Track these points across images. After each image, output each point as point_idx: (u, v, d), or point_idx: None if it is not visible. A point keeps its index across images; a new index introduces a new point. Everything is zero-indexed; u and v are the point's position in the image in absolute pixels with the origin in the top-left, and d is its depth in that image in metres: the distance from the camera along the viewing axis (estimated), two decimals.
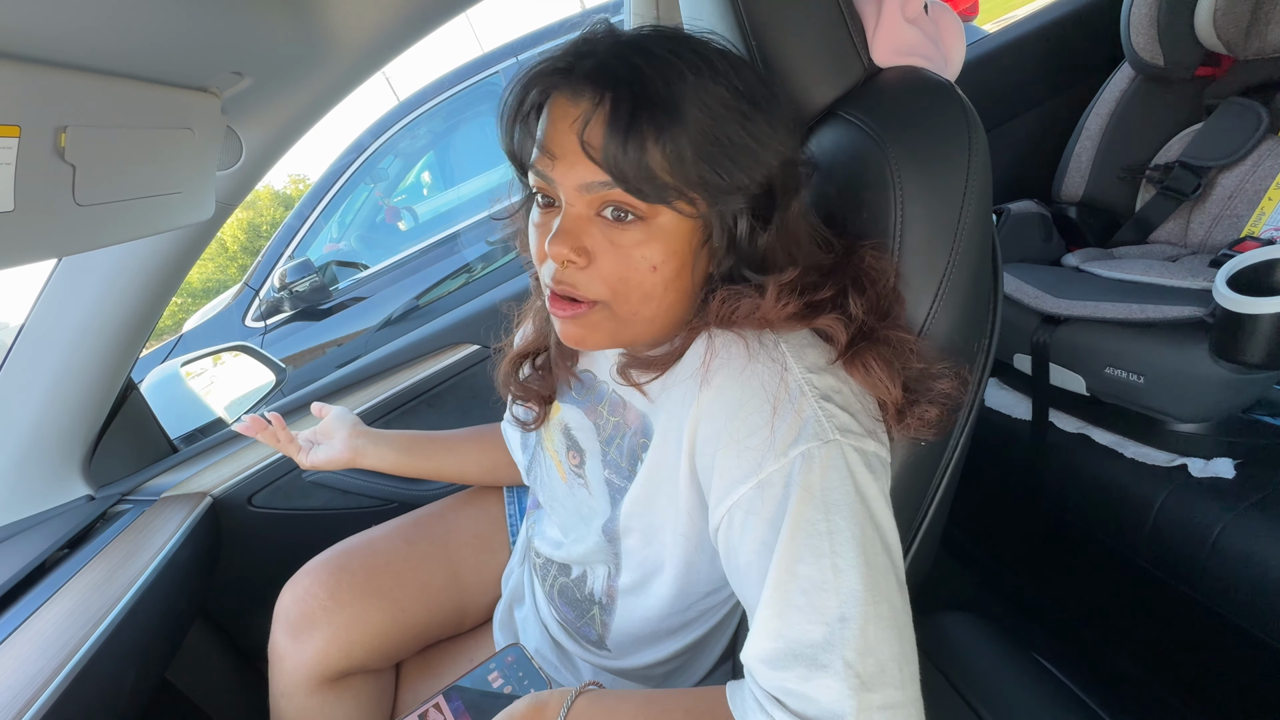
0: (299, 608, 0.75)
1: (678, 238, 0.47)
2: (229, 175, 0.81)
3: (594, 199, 0.46)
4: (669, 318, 0.51)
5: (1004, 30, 1.43)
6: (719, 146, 0.44)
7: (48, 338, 0.84)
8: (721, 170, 0.44)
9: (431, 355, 1.14)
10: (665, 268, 0.47)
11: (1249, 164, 1.10)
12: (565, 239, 0.46)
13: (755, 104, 0.46)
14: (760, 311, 0.47)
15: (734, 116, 0.44)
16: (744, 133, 0.45)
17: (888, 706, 0.39)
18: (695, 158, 0.43)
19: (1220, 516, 0.81)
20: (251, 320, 2.28)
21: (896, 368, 0.47)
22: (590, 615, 0.65)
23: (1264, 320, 0.74)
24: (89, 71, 0.49)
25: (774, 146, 0.46)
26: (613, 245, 0.47)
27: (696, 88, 0.43)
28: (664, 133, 0.43)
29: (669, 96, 0.43)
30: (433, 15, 0.77)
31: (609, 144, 0.43)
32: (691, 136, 0.43)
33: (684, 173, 0.44)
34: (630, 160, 0.43)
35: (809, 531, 0.41)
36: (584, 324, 0.50)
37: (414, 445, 0.80)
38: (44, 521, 0.91)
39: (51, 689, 0.60)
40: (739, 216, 0.47)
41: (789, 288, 0.47)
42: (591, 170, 0.45)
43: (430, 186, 2.97)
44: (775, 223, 0.47)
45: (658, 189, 0.44)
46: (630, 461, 0.57)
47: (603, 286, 0.48)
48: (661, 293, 0.48)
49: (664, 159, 0.43)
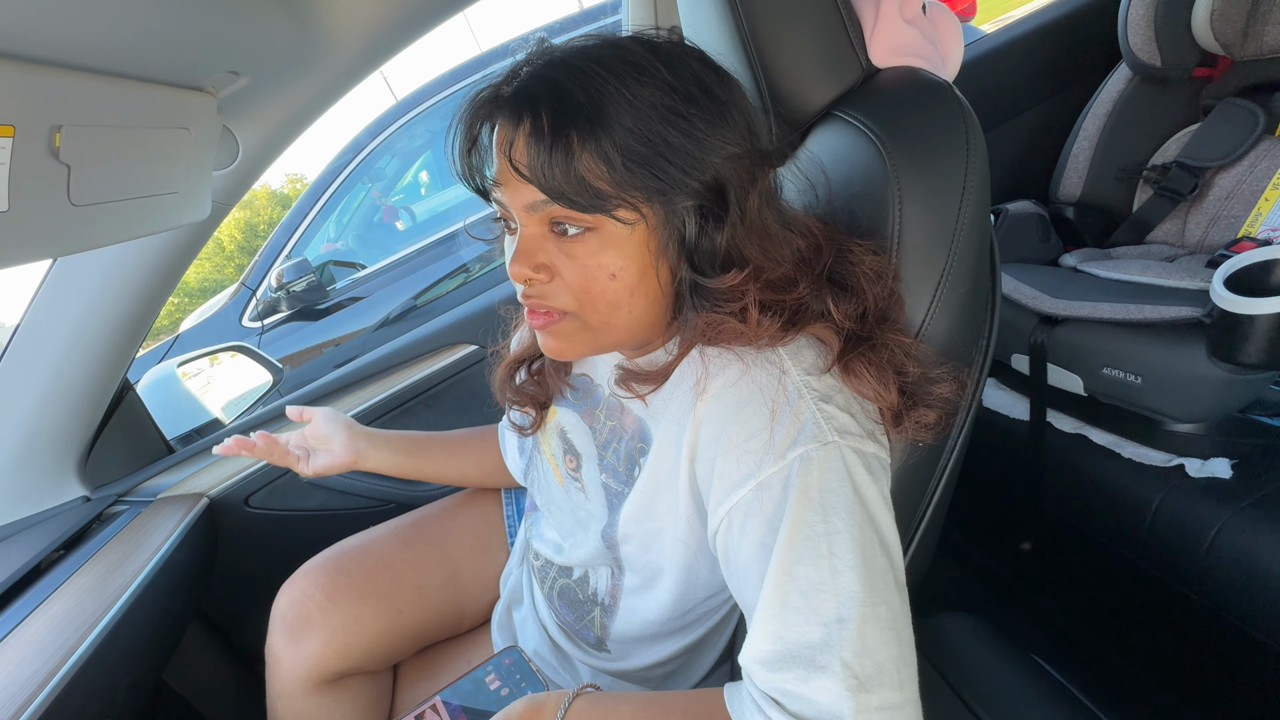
0: (296, 609, 0.74)
1: (631, 244, 0.46)
2: (225, 175, 0.81)
3: (541, 217, 0.47)
4: (644, 322, 0.50)
5: (1002, 31, 1.43)
6: (650, 147, 0.43)
7: (43, 338, 0.83)
8: (658, 172, 0.43)
9: (429, 355, 1.14)
10: (625, 274, 0.46)
11: (1246, 164, 1.10)
12: (522, 259, 0.47)
13: (691, 100, 0.44)
14: (747, 334, 0.46)
15: (665, 116, 0.43)
16: (678, 133, 0.43)
17: (886, 707, 0.39)
18: (626, 163, 0.42)
19: (1217, 516, 0.81)
20: (248, 320, 2.27)
21: (890, 373, 0.47)
22: (590, 617, 0.65)
23: (1261, 320, 0.74)
24: (84, 71, 0.49)
25: (716, 144, 0.44)
26: (570, 259, 0.47)
27: (619, 91, 0.42)
28: (588, 140, 0.42)
29: (590, 105, 0.42)
30: (430, 14, 0.77)
31: (534, 161, 0.43)
32: (618, 140, 0.42)
33: (617, 178, 0.43)
34: (559, 173, 0.42)
35: (807, 533, 0.41)
36: (558, 334, 0.50)
37: (414, 447, 0.80)
38: (39, 523, 0.91)
39: (47, 691, 0.60)
40: (686, 217, 0.45)
41: (762, 293, 0.46)
42: (529, 190, 0.45)
43: (428, 186, 2.96)
44: (731, 219, 0.46)
45: (594, 199, 0.43)
46: (628, 466, 0.57)
47: (569, 297, 0.48)
48: (628, 299, 0.48)
49: (595, 166, 0.43)
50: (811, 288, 0.48)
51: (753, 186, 0.47)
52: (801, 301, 0.48)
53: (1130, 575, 0.93)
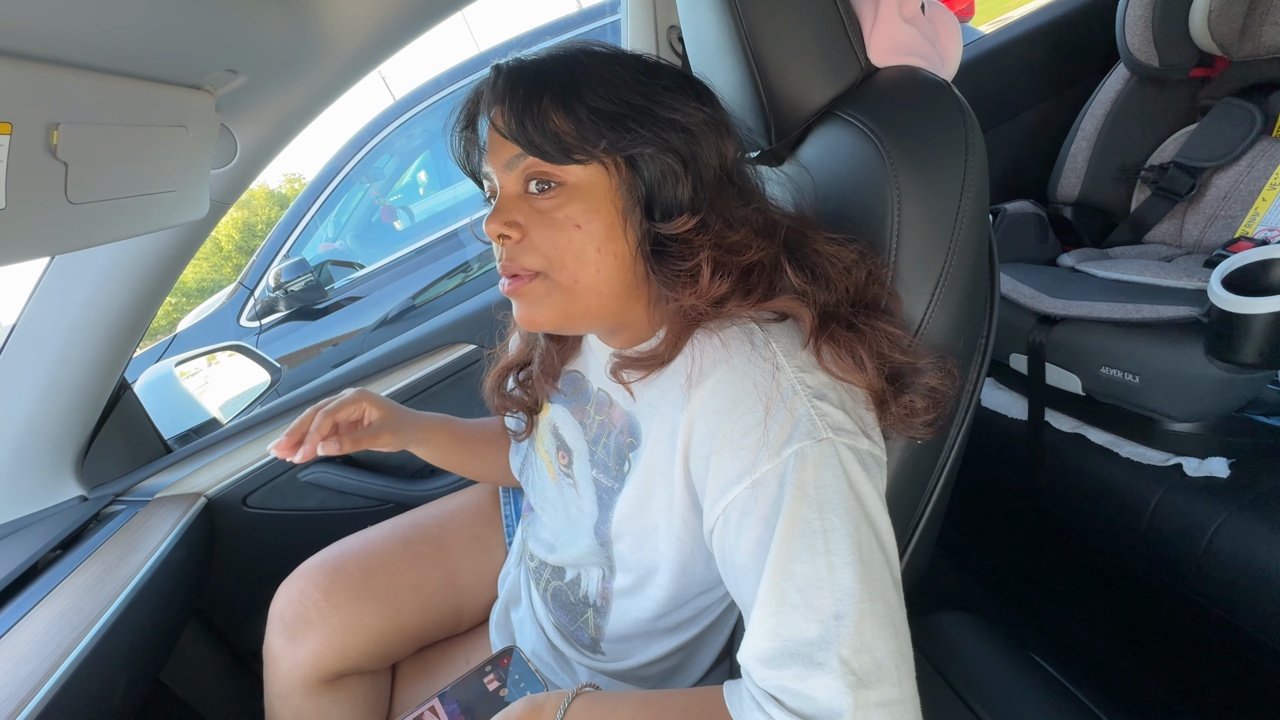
0: (294, 609, 0.74)
1: (595, 195, 0.49)
2: (223, 173, 0.81)
3: (517, 175, 0.51)
4: (614, 286, 0.51)
5: (1000, 31, 1.43)
6: (615, 105, 0.48)
7: (40, 337, 0.83)
8: (619, 126, 0.48)
9: (428, 355, 1.14)
10: (590, 226, 0.49)
11: (1243, 165, 1.10)
12: (497, 215, 0.51)
13: (654, 75, 0.50)
14: (700, 295, 0.48)
15: (630, 83, 0.49)
16: (641, 97, 0.48)
17: (884, 703, 0.39)
18: (593, 117, 0.47)
19: (1215, 515, 0.81)
20: (246, 320, 2.26)
21: (862, 352, 0.47)
22: (584, 619, 0.65)
23: (1258, 320, 0.74)
24: (82, 68, 0.48)
25: (676, 108, 0.49)
26: (540, 215, 0.50)
27: (593, 66, 0.49)
28: (559, 100, 0.48)
29: (565, 74, 0.48)
30: (428, 14, 0.77)
31: (512, 119, 0.48)
32: (588, 101, 0.48)
33: (583, 131, 0.48)
34: (531, 127, 0.48)
35: (803, 530, 0.41)
36: (529, 298, 0.52)
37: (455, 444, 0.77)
38: (36, 522, 0.91)
39: (44, 691, 0.60)
40: (648, 168, 0.49)
41: (714, 252, 0.48)
42: (508, 147, 0.50)
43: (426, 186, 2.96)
44: (693, 183, 0.49)
45: (560, 148, 0.48)
46: (617, 461, 0.57)
47: (538, 256, 0.50)
48: (595, 255, 0.49)
49: (564, 122, 0.48)
50: (764, 253, 0.49)
51: (713, 155, 0.50)
52: (754, 264, 0.49)
53: (1128, 574, 0.93)
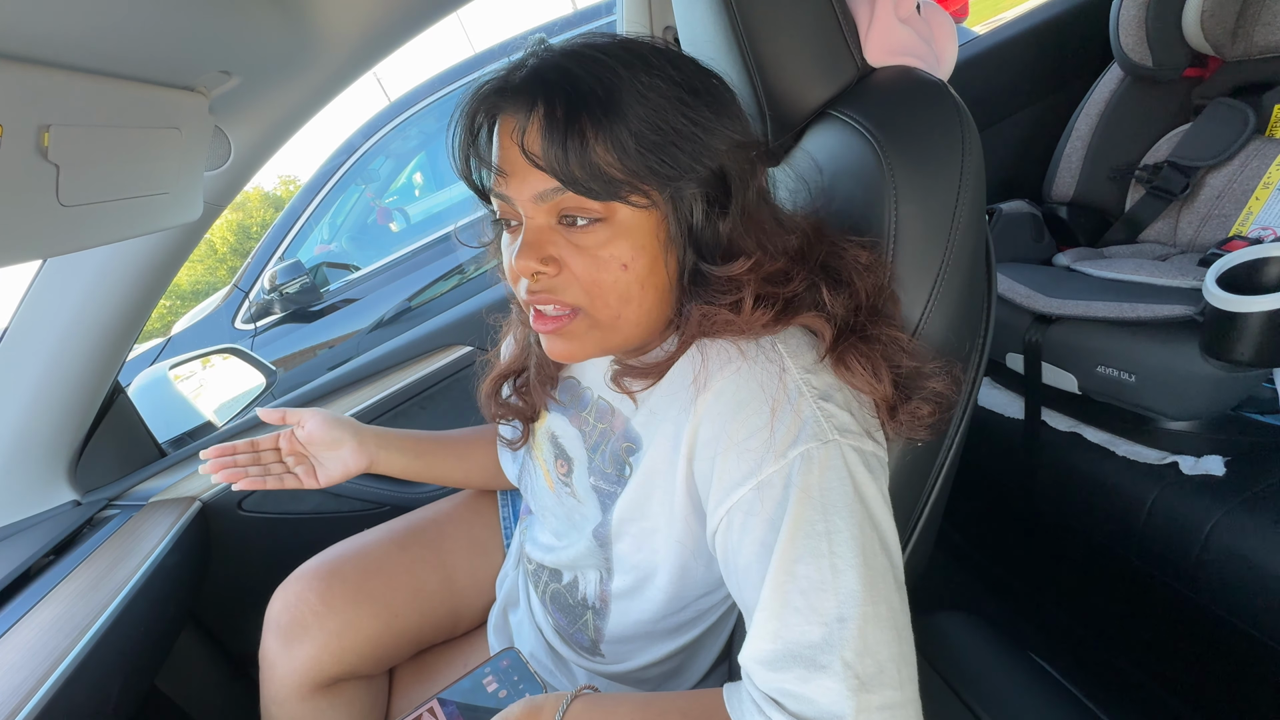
0: (290, 613, 0.74)
1: (642, 232, 0.46)
2: (217, 175, 0.80)
3: (550, 207, 0.46)
4: (652, 317, 0.50)
5: (994, 32, 1.43)
6: (662, 135, 0.43)
7: (32, 340, 0.82)
8: (668, 158, 0.44)
9: (424, 357, 1.13)
10: (636, 265, 0.46)
11: (1236, 164, 1.11)
12: (530, 252, 0.46)
13: (695, 92, 0.45)
14: (738, 324, 0.46)
15: (674, 105, 0.44)
16: (686, 120, 0.44)
17: (887, 707, 0.39)
18: (639, 148, 0.43)
19: (1211, 513, 0.81)
20: (241, 322, 2.25)
21: (881, 364, 0.47)
22: (583, 621, 0.65)
23: (1253, 318, 0.75)
24: (73, 70, 0.48)
25: (720, 132, 0.46)
26: (579, 250, 0.46)
27: (631, 80, 0.43)
28: (602, 128, 0.42)
29: (602, 92, 0.43)
30: (423, 15, 0.77)
31: (550, 147, 0.43)
32: (632, 128, 0.43)
33: (630, 165, 0.43)
34: (574, 160, 0.43)
35: (807, 532, 0.41)
36: (567, 335, 0.49)
37: (423, 449, 0.78)
38: (29, 527, 0.90)
39: (37, 699, 0.59)
40: (694, 204, 0.46)
41: (759, 286, 0.47)
42: (541, 178, 0.44)
43: (422, 188, 2.96)
44: (734, 210, 0.47)
45: (608, 185, 0.43)
46: (616, 467, 0.56)
47: (579, 290, 0.47)
48: (639, 292, 0.47)
49: (608, 153, 0.43)
50: (805, 281, 0.48)
51: (753, 177, 0.48)
52: (795, 294, 0.48)
53: (1124, 572, 0.94)
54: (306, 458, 0.72)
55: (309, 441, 0.72)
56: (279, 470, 0.71)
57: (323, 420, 0.72)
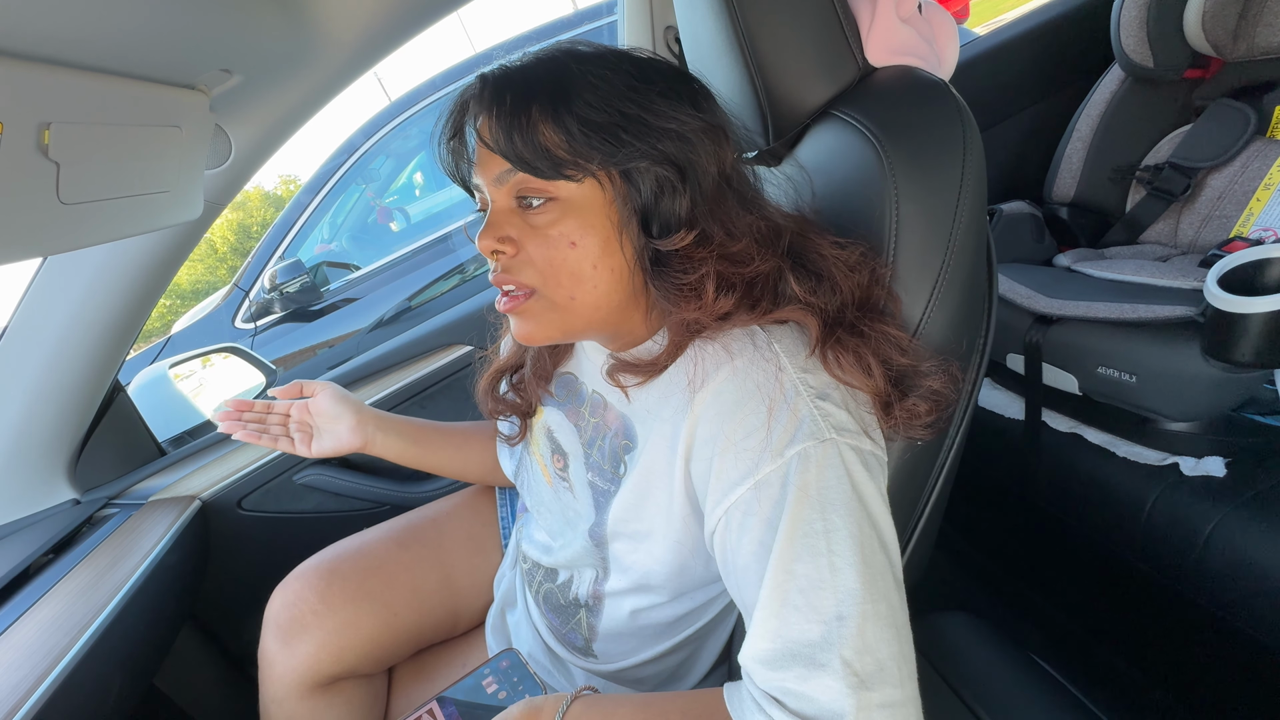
0: (289, 612, 0.74)
1: (591, 211, 0.48)
2: (218, 174, 0.80)
3: (508, 189, 0.49)
4: (611, 301, 0.51)
5: (995, 32, 1.43)
6: (608, 115, 0.46)
7: (32, 338, 0.82)
8: (611, 138, 0.46)
9: (424, 356, 1.13)
10: (585, 243, 0.48)
11: (1237, 165, 1.11)
12: (488, 231, 0.50)
13: (648, 80, 0.48)
14: (702, 311, 0.47)
15: (622, 92, 0.47)
16: (634, 105, 0.47)
17: (887, 705, 0.39)
18: (583, 130, 0.46)
19: (1211, 515, 0.81)
20: (241, 322, 2.25)
21: (871, 359, 0.47)
22: (576, 620, 0.65)
23: (1254, 319, 0.75)
24: (74, 67, 0.48)
25: (671, 116, 0.47)
26: (534, 230, 0.49)
27: (581, 73, 0.47)
28: (548, 112, 0.46)
29: (553, 82, 0.47)
30: (424, 14, 0.77)
31: (500, 132, 0.47)
32: (578, 112, 0.46)
33: (575, 145, 0.46)
34: (519, 141, 0.46)
35: (806, 531, 0.41)
36: (525, 315, 0.51)
37: (422, 436, 0.78)
38: (28, 526, 0.90)
39: (36, 696, 0.59)
40: (644, 183, 0.48)
41: (718, 264, 0.48)
42: (497, 162, 0.48)
43: (422, 187, 2.95)
44: (691, 194, 0.48)
45: (553, 164, 0.46)
46: (613, 464, 0.57)
47: (533, 272, 0.50)
48: (592, 272, 0.49)
49: (555, 135, 0.46)
50: (770, 264, 0.49)
51: (712, 162, 0.49)
52: (759, 276, 0.49)
53: (1125, 573, 0.93)
54: (310, 429, 0.74)
55: (316, 412, 0.74)
56: (277, 432, 0.73)
57: (332, 394, 0.75)
